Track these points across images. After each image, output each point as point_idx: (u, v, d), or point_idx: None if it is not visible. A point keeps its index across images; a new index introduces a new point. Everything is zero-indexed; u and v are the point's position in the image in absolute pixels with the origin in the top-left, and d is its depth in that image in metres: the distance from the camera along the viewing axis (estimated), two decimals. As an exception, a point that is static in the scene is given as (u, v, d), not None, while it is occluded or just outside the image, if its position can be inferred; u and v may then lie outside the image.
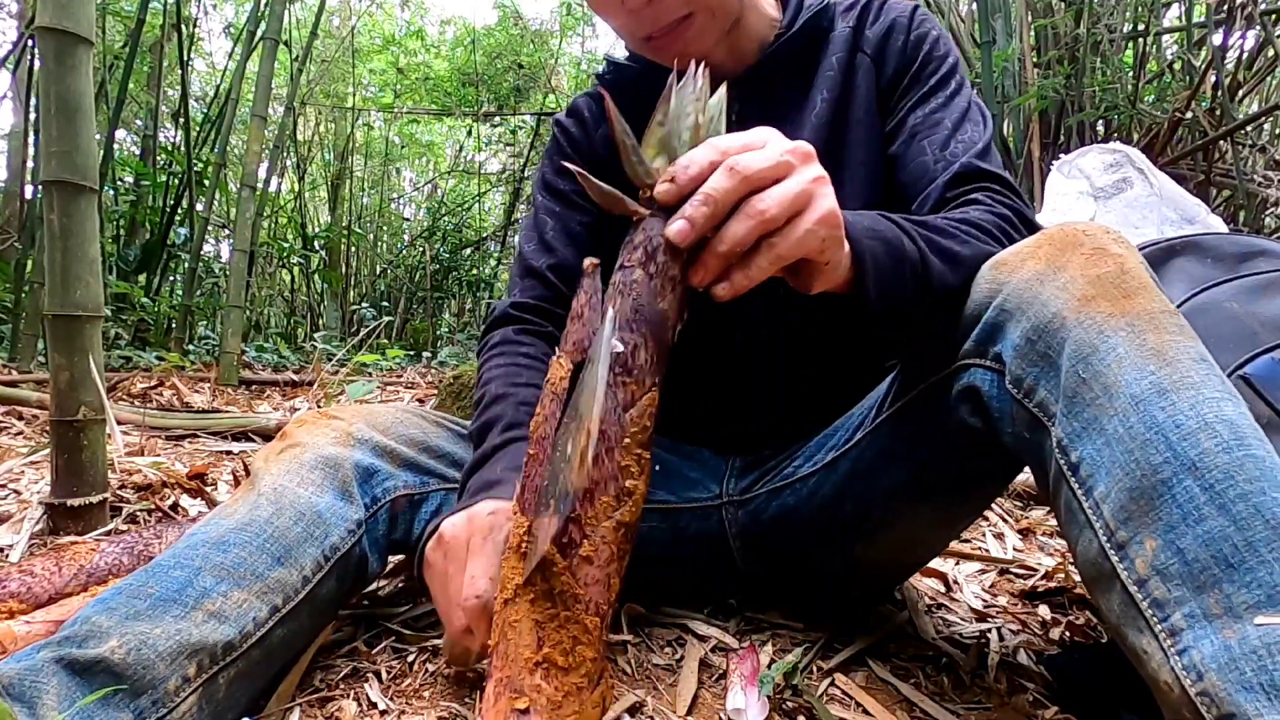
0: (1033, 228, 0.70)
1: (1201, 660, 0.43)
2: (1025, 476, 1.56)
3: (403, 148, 8.61)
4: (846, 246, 0.57)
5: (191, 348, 4.51)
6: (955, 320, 0.65)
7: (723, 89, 0.60)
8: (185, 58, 4.45)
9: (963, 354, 0.64)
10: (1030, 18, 2.97)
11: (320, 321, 7.40)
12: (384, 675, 0.73)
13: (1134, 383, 0.49)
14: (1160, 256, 0.95)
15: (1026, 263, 0.58)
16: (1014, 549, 1.33)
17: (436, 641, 0.80)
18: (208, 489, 1.40)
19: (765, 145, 0.54)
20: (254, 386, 3.25)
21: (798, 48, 0.85)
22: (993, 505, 1.53)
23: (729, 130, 0.80)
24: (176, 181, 4.55)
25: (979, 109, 0.81)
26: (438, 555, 0.68)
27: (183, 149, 4.44)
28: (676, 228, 0.52)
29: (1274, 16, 2.56)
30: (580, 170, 0.54)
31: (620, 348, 0.52)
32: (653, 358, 0.54)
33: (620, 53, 0.95)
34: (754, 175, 0.51)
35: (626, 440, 0.52)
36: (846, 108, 0.84)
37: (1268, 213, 3.03)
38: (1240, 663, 0.42)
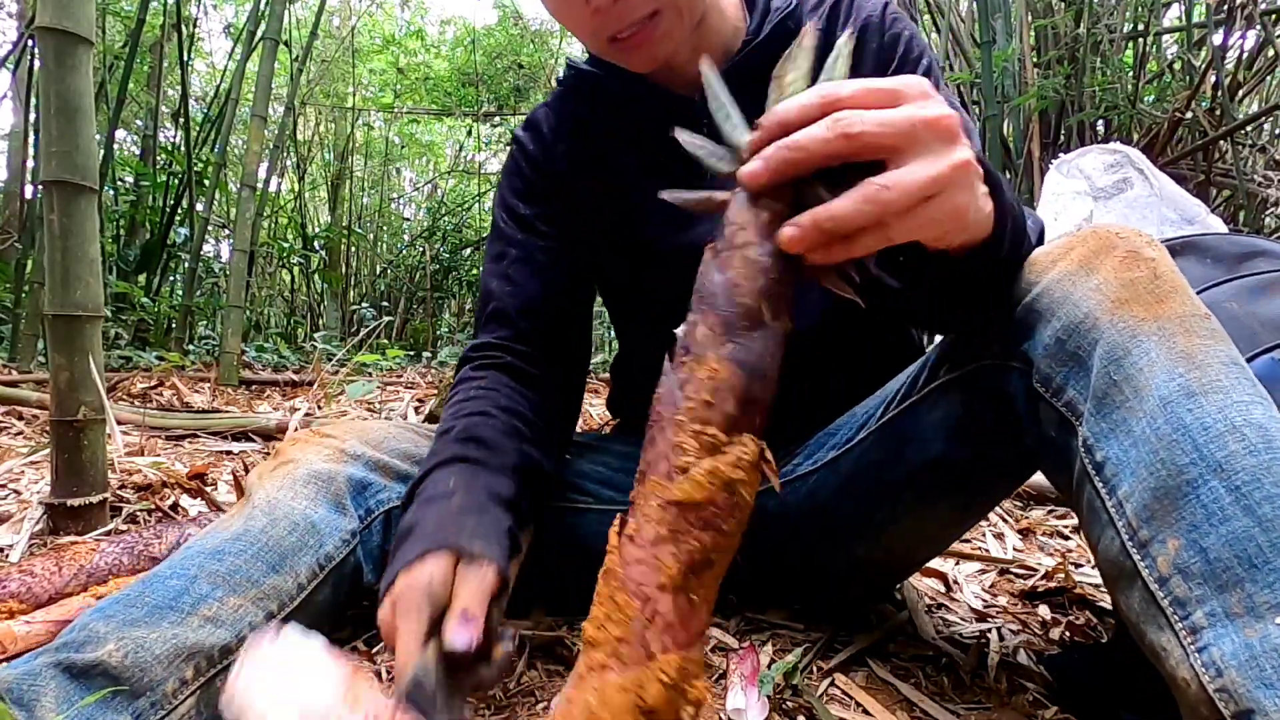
0: (1042, 235, 0.70)
1: (1221, 657, 0.43)
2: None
3: (403, 148, 8.62)
4: (981, 216, 0.51)
5: (191, 348, 4.51)
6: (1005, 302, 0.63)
7: (846, 38, 0.49)
8: (185, 58, 4.45)
9: (986, 353, 0.64)
10: (1030, 18, 2.97)
11: (320, 321, 7.40)
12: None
13: (1163, 385, 0.49)
14: (1160, 256, 0.94)
15: (1058, 264, 0.58)
16: (1014, 549, 1.33)
17: (436, 641, 0.80)
18: (208, 489, 1.40)
19: (894, 101, 0.44)
20: (254, 386, 3.25)
21: (765, 55, 0.81)
22: (993, 505, 1.53)
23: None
24: (176, 181, 4.55)
25: (962, 119, 0.80)
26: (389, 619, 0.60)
27: (183, 149, 4.44)
28: (748, 168, 0.45)
29: (1274, 16, 2.56)
30: (672, 193, 0.48)
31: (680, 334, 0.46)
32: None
33: (581, 55, 0.90)
34: (860, 136, 0.43)
35: (679, 417, 0.47)
36: None
37: (1268, 213, 3.03)
38: (1261, 660, 0.42)
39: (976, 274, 0.58)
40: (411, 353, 5.45)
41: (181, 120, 4.38)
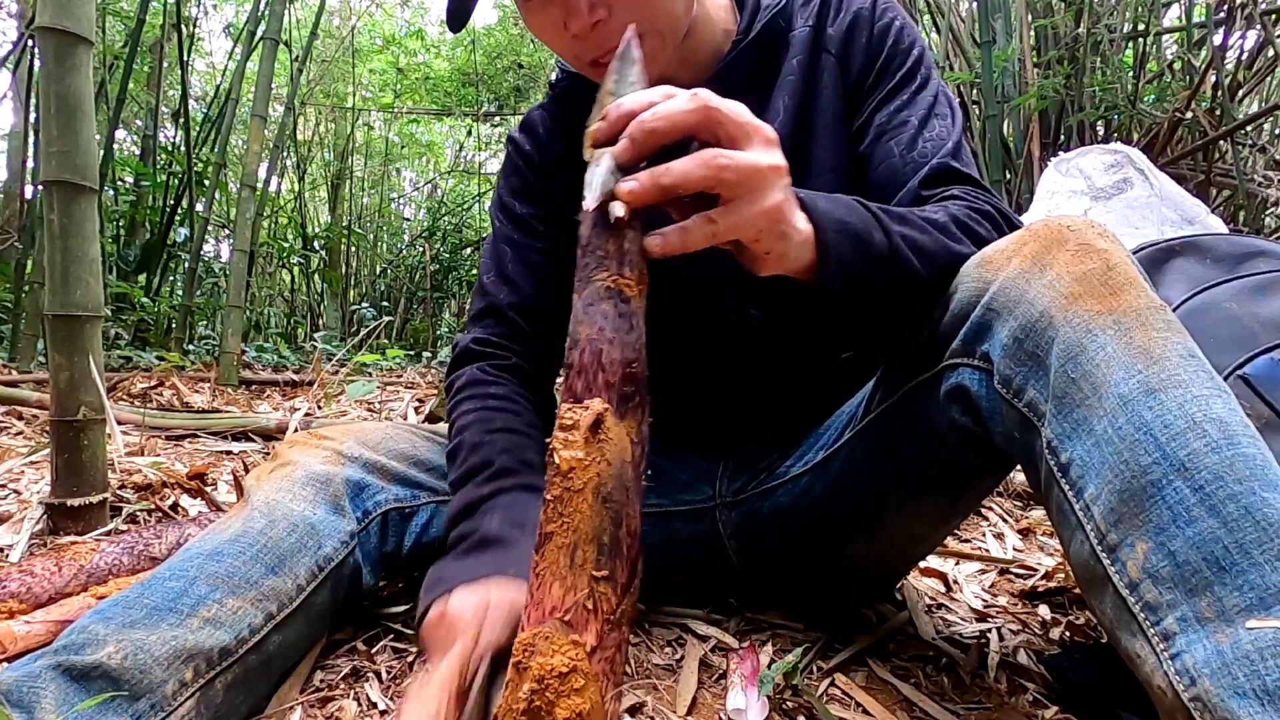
0: (1012, 223, 0.69)
1: (1194, 665, 0.43)
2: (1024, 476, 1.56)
3: (403, 148, 8.61)
4: (800, 238, 0.57)
5: (191, 348, 4.51)
6: (930, 311, 0.65)
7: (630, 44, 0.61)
8: (185, 58, 4.45)
9: (950, 353, 0.63)
10: (1030, 18, 2.97)
11: (320, 321, 7.40)
12: (384, 675, 0.73)
13: (1122, 382, 0.49)
14: (1160, 257, 0.95)
15: (1012, 260, 0.58)
16: (1014, 549, 1.33)
17: (436, 642, 0.80)
18: (208, 489, 1.40)
19: (733, 106, 0.53)
20: (254, 386, 3.25)
21: (755, 55, 0.82)
22: (993, 505, 1.53)
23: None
24: (176, 181, 4.55)
25: (946, 101, 0.79)
26: (439, 630, 0.62)
27: (183, 149, 4.44)
28: (595, 125, 0.52)
29: (1274, 16, 2.56)
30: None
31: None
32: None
33: None
34: (715, 112, 0.51)
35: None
36: (810, 112, 0.82)
37: (1268, 213, 3.03)
38: (1233, 667, 0.41)
39: (850, 303, 0.61)
40: (411, 353, 5.44)
41: (181, 120, 4.37)
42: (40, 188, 2.38)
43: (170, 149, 4.84)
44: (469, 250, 7.64)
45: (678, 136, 0.52)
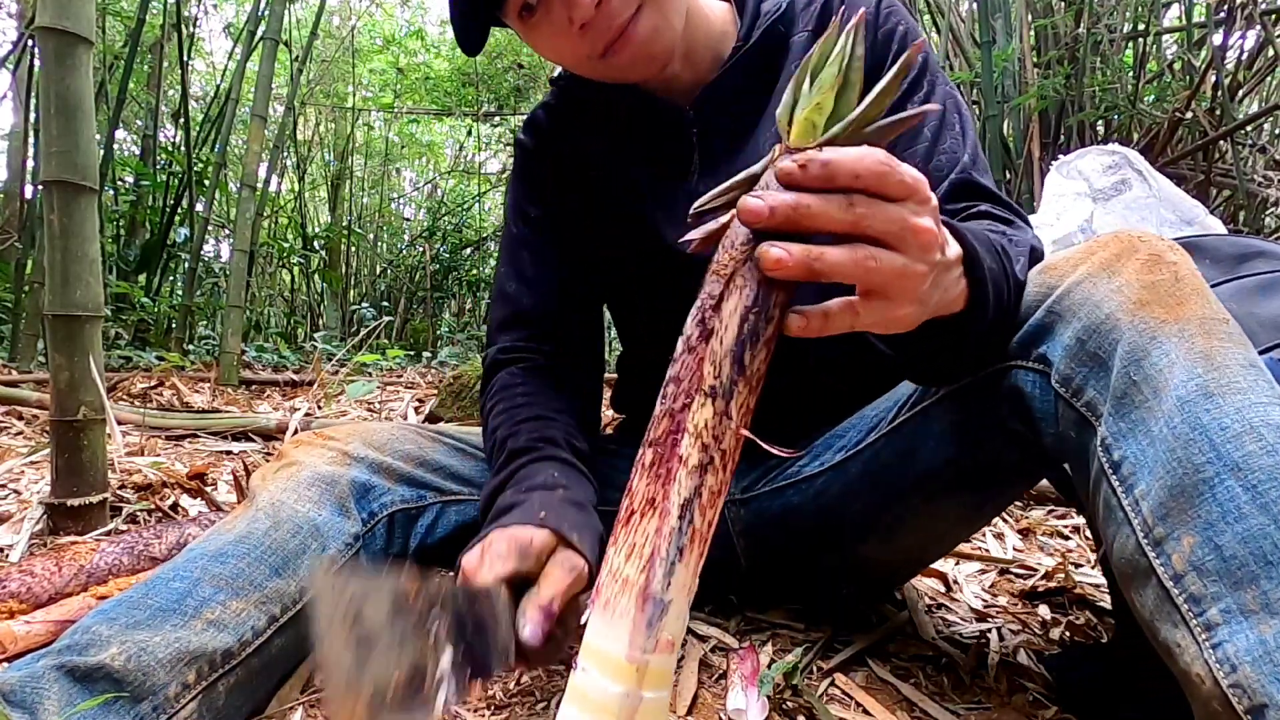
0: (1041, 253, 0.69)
1: (1236, 653, 0.44)
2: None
3: (403, 148, 8.61)
4: (949, 299, 0.53)
5: (191, 348, 4.51)
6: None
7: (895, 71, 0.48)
8: (185, 58, 4.45)
9: (1003, 356, 0.63)
10: (1030, 18, 2.97)
11: (320, 321, 7.40)
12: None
13: (1181, 385, 0.50)
14: (1160, 257, 0.94)
15: (1079, 267, 0.58)
16: (1014, 549, 1.33)
17: (437, 642, 0.81)
18: (208, 489, 1.40)
19: (905, 194, 0.45)
20: (254, 386, 3.25)
21: (755, 61, 0.81)
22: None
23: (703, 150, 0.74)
24: (176, 181, 4.55)
25: (956, 109, 0.78)
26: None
27: (183, 149, 4.44)
28: (750, 203, 0.45)
29: (1274, 16, 2.56)
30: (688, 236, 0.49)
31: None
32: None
33: None
34: (867, 228, 0.45)
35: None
36: None
37: (1268, 213, 3.03)
38: (1275, 655, 0.42)
39: (964, 341, 0.58)
40: (411, 353, 5.44)
41: (181, 120, 4.38)
42: (40, 188, 2.38)
43: (170, 149, 4.84)
44: (469, 250, 7.64)
45: (814, 232, 0.46)
